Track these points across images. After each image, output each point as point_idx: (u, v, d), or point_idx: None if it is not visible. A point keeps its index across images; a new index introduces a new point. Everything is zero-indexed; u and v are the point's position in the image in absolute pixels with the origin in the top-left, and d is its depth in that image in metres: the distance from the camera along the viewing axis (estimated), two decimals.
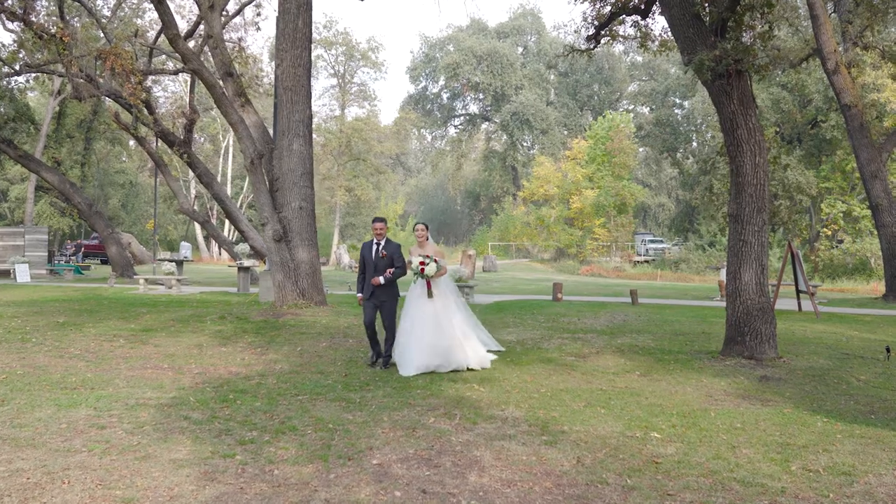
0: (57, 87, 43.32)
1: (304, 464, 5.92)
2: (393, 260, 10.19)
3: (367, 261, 10.29)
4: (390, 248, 10.26)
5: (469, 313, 11.20)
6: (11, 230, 35.82)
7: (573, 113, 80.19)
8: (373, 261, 10.20)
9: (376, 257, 10.18)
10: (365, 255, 10.35)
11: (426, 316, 10.00)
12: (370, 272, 10.21)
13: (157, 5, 15.76)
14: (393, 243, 10.32)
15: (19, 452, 6.05)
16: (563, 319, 16.40)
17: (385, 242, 10.26)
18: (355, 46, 69.04)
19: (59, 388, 8.55)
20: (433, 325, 9.93)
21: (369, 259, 10.26)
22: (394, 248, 10.26)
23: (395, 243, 10.36)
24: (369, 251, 10.30)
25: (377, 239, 10.28)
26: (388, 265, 10.15)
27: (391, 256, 10.18)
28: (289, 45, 16.62)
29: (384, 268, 10.13)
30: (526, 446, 6.50)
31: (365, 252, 10.37)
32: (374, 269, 10.17)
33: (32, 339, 12.30)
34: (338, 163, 66.43)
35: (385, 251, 10.19)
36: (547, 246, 60.92)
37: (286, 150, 16.45)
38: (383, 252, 10.17)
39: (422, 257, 10.03)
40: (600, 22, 17.60)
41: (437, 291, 10.18)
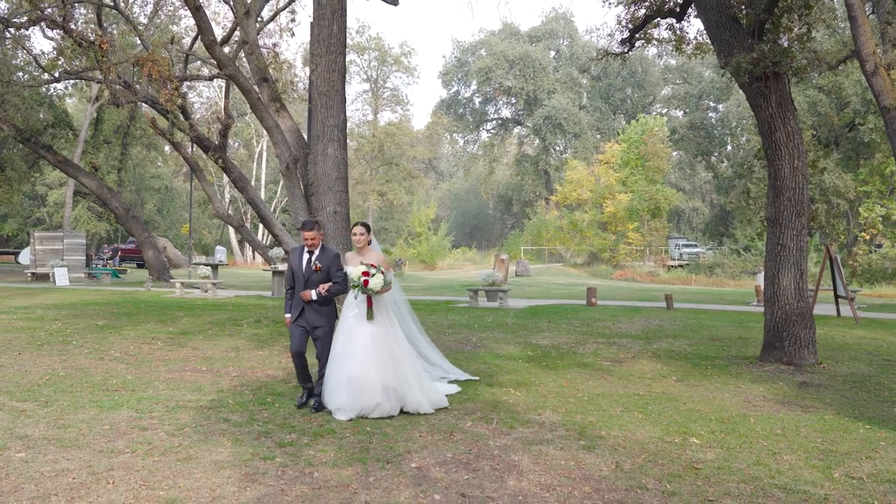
0: (94, 94, 43.96)
1: (344, 466, 5.95)
2: (330, 273, 8.03)
3: (297, 273, 8.11)
4: (326, 257, 8.06)
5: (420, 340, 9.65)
6: (51, 234, 36.40)
7: (606, 117, 79.83)
8: (302, 274, 8.05)
9: (308, 269, 8.02)
10: (294, 266, 8.17)
11: (364, 343, 7.79)
12: (299, 288, 8.08)
13: (195, 12, 15.91)
14: (330, 251, 8.20)
15: (64, 453, 6.15)
16: (597, 324, 16.33)
17: (320, 251, 8.08)
18: (388, 51, 69.32)
19: (100, 389, 8.67)
20: (373, 356, 7.73)
21: (298, 271, 8.09)
22: (331, 258, 8.07)
23: (332, 251, 8.24)
24: (298, 260, 8.12)
25: (309, 248, 8.10)
26: (323, 280, 8.01)
27: (327, 268, 8.02)
28: (323, 50, 16.70)
29: (317, 283, 7.98)
30: (564, 451, 6.48)
31: (293, 261, 8.19)
32: (304, 284, 8.03)
33: (73, 342, 12.49)
34: (370, 167, 66.70)
35: (319, 262, 8.00)
36: (580, 250, 60.66)
37: (321, 154, 16.54)
38: (317, 264, 7.99)
39: (365, 266, 7.79)
40: (635, 25, 17.52)
41: (382, 314, 8.00)
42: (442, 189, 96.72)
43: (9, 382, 9.00)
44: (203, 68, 41.24)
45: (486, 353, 11.98)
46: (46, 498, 5.12)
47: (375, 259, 8.02)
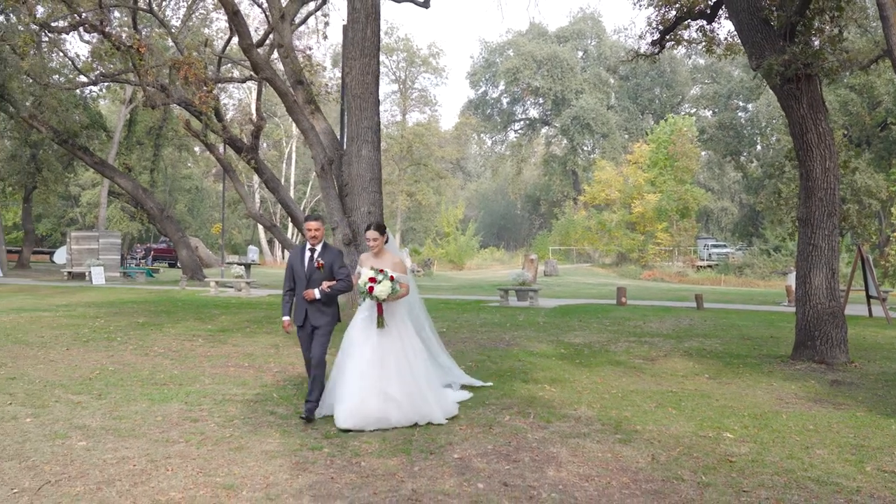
0: (128, 96, 44.64)
1: (389, 457, 6.20)
2: (333, 271, 7.61)
3: (298, 272, 7.69)
4: (329, 254, 7.65)
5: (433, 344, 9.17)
6: (86, 234, 37.06)
7: (634, 117, 79.62)
8: (305, 272, 7.62)
9: (310, 268, 7.61)
10: (294, 265, 7.74)
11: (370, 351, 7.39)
12: (301, 287, 7.64)
13: (233, 17, 16.28)
14: (332, 249, 7.76)
15: (123, 442, 6.46)
16: (628, 323, 16.48)
17: (322, 248, 7.69)
18: (416, 52, 69.64)
19: (149, 383, 9.00)
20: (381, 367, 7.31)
21: (300, 270, 7.66)
22: (334, 256, 7.67)
23: (334, 249, 7.80)
24: (299, 259, 7.70)
25: (311, 244, 7.69)
26: (325, 278, 7.58)
27: (330, 266, 7.59)
28: (358, 53, 16.97)
29: (320, 282, 7.55)
30: (601, 444, 6.68)
31: (294, 261, 7.76)
32: (306, 283, 7.60)
33: (118, 339, 12.86)
34: (399, 168, 67.05)
35: (322, 259, 7.58)
36: (608, 250, 60.61)
37: (355, 156, 16.82)
38: (319, 261, 7.57)
39: (373, 271, 7.35)
40: (665, 27, 17.63)
41: (395, 320, 7.56)
42: (470, 189, 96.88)
43: (62, 376, 9.36)
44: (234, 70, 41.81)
45: (519, 350, 12.19)
46: (111, 482, 5.42)
47: (390, 263, 7.56)
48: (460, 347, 12.35)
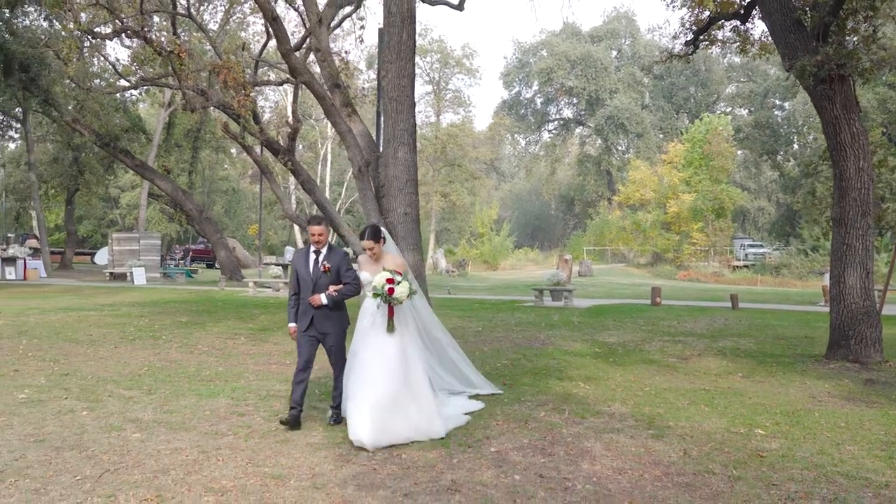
0: (167, 99, 45.39)
1: (428, 450, 6.44)
2: (340, 274, 7.26)
3: (303, 277, 7.32)
4: (335, 257, 7.29)
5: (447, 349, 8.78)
6: (128, 235, 37.79)
7: (669, 116, 79.21)
8: (310, 276, 7.26)
9: (315, 271, 7.25)
10: (298, 269, 7.39)
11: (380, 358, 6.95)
12: (306, 292, 7.28)
13: (272, 22, 16.59)
14: (338, 251, 7.41)
15: (174, 434, 6.78)
16: (662, 323, 16.58)
17: (328, 251, 7.33)
18: (450, 53, 69.83)
19: (196, 380, 9.34)
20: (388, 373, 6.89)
21: (305, 274, 7.30)
22: (339, 258, 7.30)
23: (340, 251, 7.44)
24: (304, 263, 7.34)
25: (316, 247, 7.32)
26: (332, 282, 7.23)
27: (336, 269, 7.24)
28: (394, 56, 17.22)
29: (326, 286, 7.20)
30: (634, 439, 6.86)
31: (298, 264, 7.42)
32: (312, 288, 7.24)
33: (163, 337, 13.25)
34: (433, 168, 67.31)
35: (328, 262, 7.23)
36: (643, 251, 60.41)
37: (391, 157, 17.07)
38: (325, 264, 7.21)
39: (389, 272, 6.93)
40: (699, 27, 17.68)
41: (401, 324, 7.17)
42: (504, 190, 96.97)
43: (112, 372, 9.74)
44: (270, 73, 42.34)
45: (554, 349, 12.37)
46: (166, 471, 5.73)
47: (392, 263, 7.20)
48: (496, 346, 12.58)
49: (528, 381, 9.59)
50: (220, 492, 5.33)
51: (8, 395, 8.28)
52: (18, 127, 44.23)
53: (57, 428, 6.95)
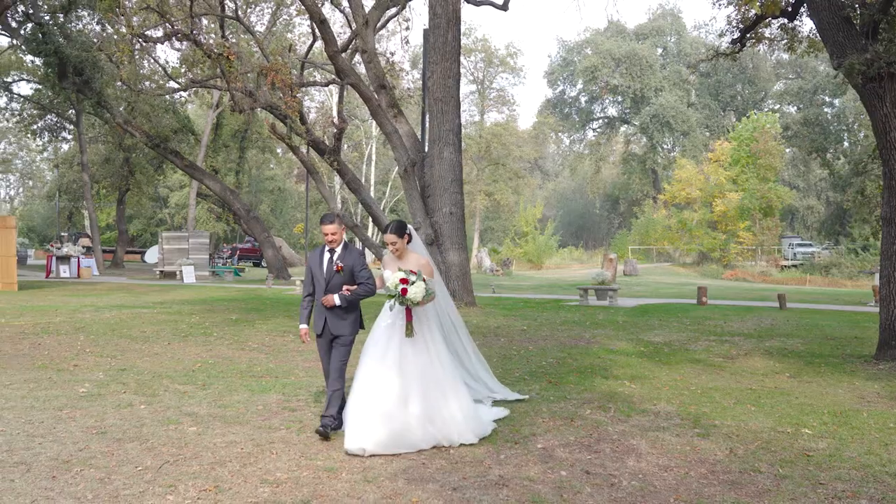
0: (216, 101, 46.13)
1: (476, 446, 6.56)
2: (354, 274, 6.94)
3: (317, 276, 7.05)
4: (350, 257, 6.99)
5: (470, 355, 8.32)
6: (177, 234, 38.48)
7: (715, 114, 78.41)
8: (324, 276, 6.97)
9: (329, 271, 6.95)
10: (313, 269, 7.10)
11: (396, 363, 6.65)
12: (320, 293, 7.00)
13: (320, 25, 16.91)
14: (354, 250, 7.11)
15: (229, 428, 7.00)
16: (708, 322, 16.50)
17: (342, 250, 7.01)
18: (494, 53, 69.92)
19: (247, 376, 9.58)
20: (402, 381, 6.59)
21: (319, 273, 7.02)
22: (355, 258, 7.01)
23: (356, 250, 7.15)
24: (318, 262, 7.04)
25: (330, 246, 7.03)
26: (346, 282, 6.93)
27: (351, 269, 6.93)
28: (439, 57, 17.42)
29: (340, 286, 6.90)
30: (679, 437, 6.91)
31: (312, 264, 7.11)
32: (325, 288, 6.95)
33: (214, 334, 13.56)
34: (477, 167, 67.46)
35: (342, 262, 6.93)
36: (689, 250, 59.91)
37: (437, 157, 17.27)
38: (338, 263, 6.92)
39: (404, 272, 6.61)
40: (745, 25, 17.55)
41: (423, 327, 6.83)
42: (548, 189, 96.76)
43: (167, 368, 10.03)
44: (315, 73, 42.78)
45: (599, 348, 12.42)
46: (223, 463, 5.94)
47: (415, 263, 6.82)
48: (542, 345, 12.66)
49: (573, 379, 9.66)
50: (275, 483, 5.51)
51: (69, 389, 8.60)
52: (72, 128, 45.29)
53: (117, 420, 7.22)
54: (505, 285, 32.44)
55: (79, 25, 35.67)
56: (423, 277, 6.60)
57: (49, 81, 35.12)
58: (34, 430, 6.83)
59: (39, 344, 12.18)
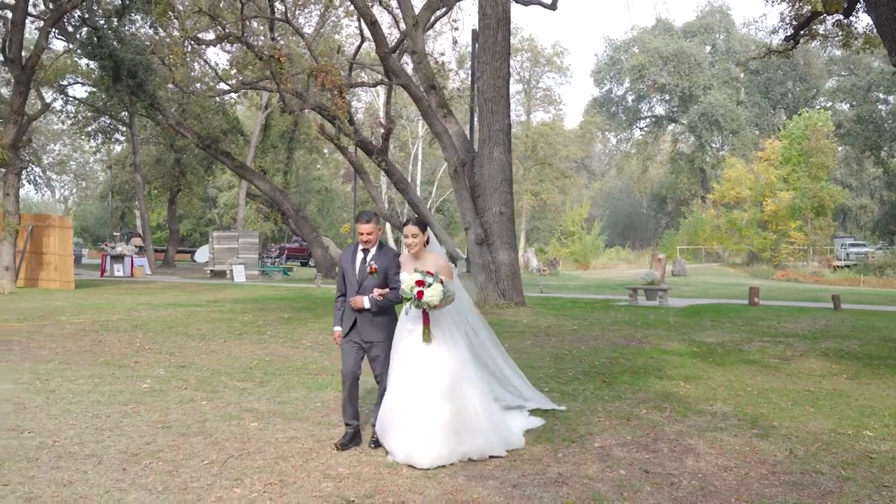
0: (265, 102, 46.67)
1: (533, 444, 6.60)
2: (388, 277, 6.59)
3: (349, 277, 6.71)
4: (384, 258, 6.63)
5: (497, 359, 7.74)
6: (227, 234, 39.04)
7: (765, 112, 77.27)
8: (356, 277, 6.62)
9: (361, 272, 6.60)
10: (345, 268, 6.79)
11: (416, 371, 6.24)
12: (351, 293, 6.67)
13: (371, 26, 17.04)
14: (389, 251, 6.74)
15: (289, 424, 7.14)
16: (761, 323, 16.32)
17: (377, 251, 6.65)
18: (540, 52, 69.76)
19: (304, 373, 9.73)
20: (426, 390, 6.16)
21: (351, 274, 6.68)
22: (390, 260, 6.63)
23: (392, 251, 6.80)
24: (351, 262, 6.71)
25: (364, 246, 6.66)
26: (379, 285, 6.55)
27: (384, 270, 6.59)
28: (489, 58, 17.46)
29: (372, 289, 6.53)
30: (738, 438, 6.88)
31: (345, 263, 6.79)
32: (356, 289, 6.61)
33: (268, 332, 13.76)
34: (523, 167, 67.36)
35: (376, 263, 6.57)
36: (738, 250, 59.12)
37: (487, 157, 17.31)
38: (372, 265, 6.56)
39: (420, 273, 6.24)
40: (799, 22, 17.34)
41: (443, 331, 6.39)
42: (594, 188, 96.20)
43: (225, 365, 10.23)
44: (362, 74, 43.07)
45: (651, 348, 12.36)
46: (286, 458, 6.08)
47: (433, 265, 6.40)
48: (593, 345, 12.64)
49: (627, 379, 9.64)
50: (338, 478, 5.62)
51: (132, 385, 8.83)
52: (125, 130, 46.17)
53: (180, 416, 7.40)
54: (552, 285, 32.38)
55: (132, 29, 36.33)
56: (440, 279, 6.21)
57: (104, 84, 35.84)
58: (102, 424, 7.05)
59: (100, 341, 12.49)
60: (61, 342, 12.34)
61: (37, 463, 5.88)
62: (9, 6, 27.37)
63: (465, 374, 6.34)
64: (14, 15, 25.27)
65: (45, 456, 6.06)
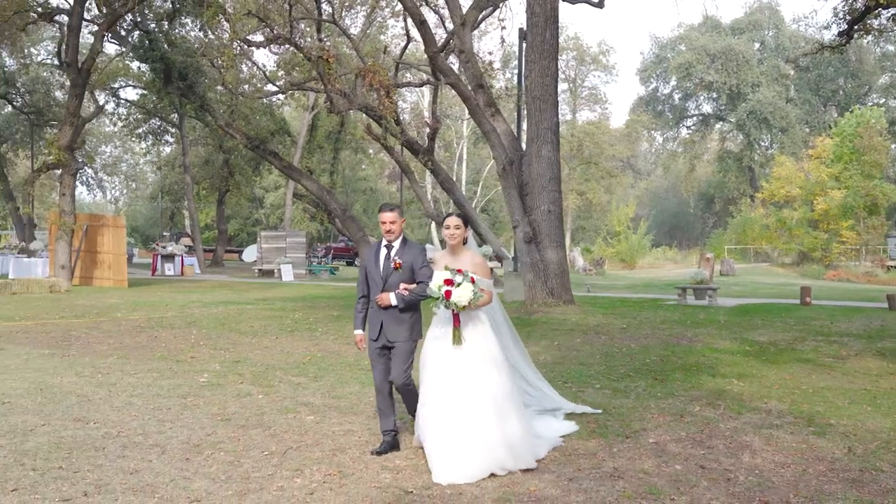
0: (311, 103, 47.11)
1: (587, 439, 6.62)
2: (414, 272, 6.20)
3: (373, 275, 6.33)
4: (410, 252, 6.27)
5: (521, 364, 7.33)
6: (275, 234, 39.55)
7: (816, 109, 75.95)
8: (380, 274, 6.25)
9: (385, 268, 6.23)
10: (368, 267, 6.40)
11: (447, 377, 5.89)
12: (375, 291, 6.27)
13: (420, 26, 17.16)
14: (414, 245, 6.38)
15: (345, 417, 7.27)
16: (814, 322, 16.08)
17: (401, 244, 6.29)
18: (586, 51, 69.40)
19: (356, 369, 9.85)
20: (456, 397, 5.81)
21: (374, 271, 6.30)
22: (415, 254, 6.26)
23: (416, 245, 6.42)
24: (374, 259, 6.33)
25: (387, 239, 6.29)
26: (405, 280, 6.18)
27: (410, 267, 6.20)
28: (537, 56, 17.46)
29: (397, 285, 6.15)
30: (794, 435, 6.83)
31: (369, 261, 6.41)
32: (381, 287, 6.22)
33: (318, 329, 13.95)
34: (569, 166, 67.06)
35: (400, 259, 6.20)
36: (788, 249, 58.19)
37: (535, 156, 17.31)
38: (396, 260, 6.19)
39: (450, 272, 5.88)
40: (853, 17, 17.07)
41: (475, 335, 6.01)
42: (640, 187, 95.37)
43: (279, 360, 10.42)
44: (407, 74, 43.27)
45: (703, 346, 12.27)
46: (343, 450, 6.19)
47: (469, 263, 6.04)
48: (643, 343, 12.58)
49: (679, 376, 9.59)
50: (395, 470, 5.71)
51: (190, 379, 9.04)
52: (174, 132, 46.97)
53: (238, 409, 7.56)
54: (599, 284, 32.21)
55: (182, 32, 36.89)
56: (470, 277, 5.83)
57: (154, 87, 36.40)
58: (163, 416, 7.23)
59: (156, 337, 12.77)
60: (118, 338, 12.65)
61: (103, 452, 6.07)
62: (66, 12, 28.02)
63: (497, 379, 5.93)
64: (71, 20, 25.91)
65: (110, 445, 6.25)
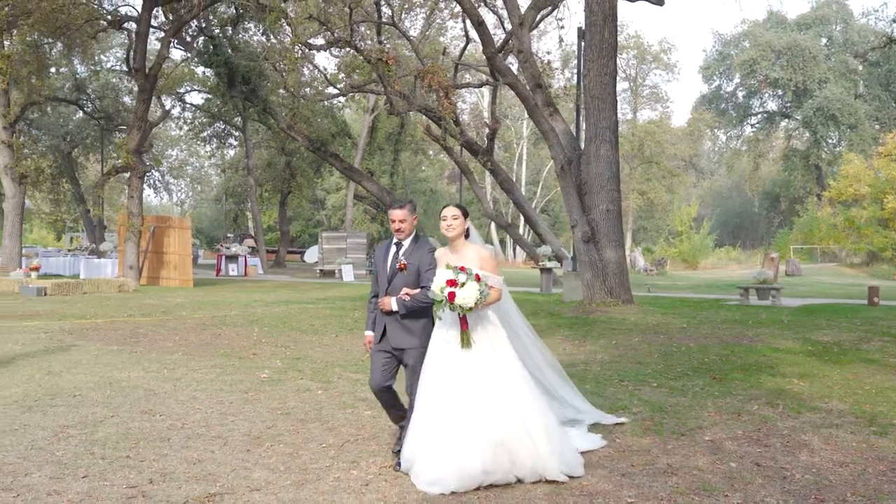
0: (371, 105, 47.57)
1: (642, 436, 6.63)
2: (420, 274, 5.75)
3: (380, 273, 5.93)
4: (418, 252, 5.80)
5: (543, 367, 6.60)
6: (336, 234, 40.02)
7: (886, 105, 73.89)
8: (387, 274, 5.83)
9: (392, 268, 5.80)
10: (377, 265, 6.01)
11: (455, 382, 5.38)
12: (382, 293, 5.87)
13: (478, 27, 17.27)
14: (424, 245, 5.88)
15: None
16: (881, 323, 15.72)
17: (411, 243, 5.84)
18: (647, 49, 68.72)
19: None
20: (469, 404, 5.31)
21: (382, 270, 5.89)
22: (423, 254, 5.79)
23: (427, 245, 5.91)
24: (383, 257, 5.91)
25: (397, 237, 5.85)
26: (410, 283, 5.74)
27: (417, 268, 5.76)
28: (595, 55, 17.40)
29: (401, 288, 5.72)
30: (854, 434, 6.73)
31: (377, 258, 6.03)
32: (386, 289, 5.81)
33: None
34: (630, 166, 66.48)
35: (407, 259, 5.75)
36: (857, 249, 56.79)
37: (594, 155, 17.26)
38: (402, 261, 5.74)
39: (452, 271, 5.39)
40: None
41: (485, 336, 5.55)
42: (703, 187, 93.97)
43: (338, 358, 10.61)
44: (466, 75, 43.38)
45: (763, 346, 12.11)
46: None
47: (474, 258, 5.57)
48: (702, 342, 12.47)
49: (738, 375, 9.50)
50: None
51: (251, 374, 9.27)
52: (238, 135, 47.84)
53: (298, 403, 7.74)
54: (660, 284, 31.90)
55: (245, 37, 37.61)
56: (475, 275, 5.37)
57: (219, 91, 37.19)
58: (226, 410, 7.45)
59: (220, 335, 13.09)
60: (183, 335, 13.00)
61: (168, 443, 6.29)
62: (134, 19, 28.81)
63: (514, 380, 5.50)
64: (138, 27, 26.63)
65: (175, 437, 6.47)
